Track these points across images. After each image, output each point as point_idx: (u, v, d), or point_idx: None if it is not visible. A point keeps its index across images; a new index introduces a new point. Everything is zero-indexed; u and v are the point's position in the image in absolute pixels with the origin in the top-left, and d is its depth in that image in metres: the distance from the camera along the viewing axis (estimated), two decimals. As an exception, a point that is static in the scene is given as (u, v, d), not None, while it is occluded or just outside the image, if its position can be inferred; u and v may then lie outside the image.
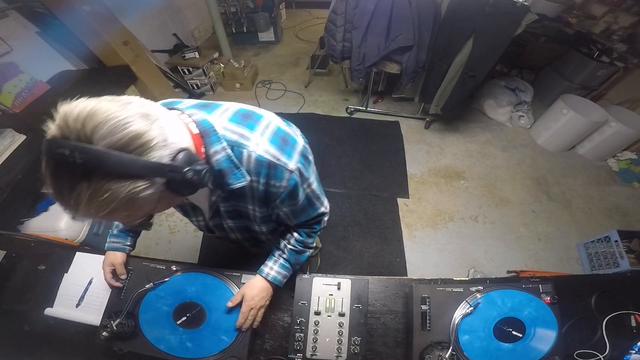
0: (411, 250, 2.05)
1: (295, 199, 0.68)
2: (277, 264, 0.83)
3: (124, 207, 0.41)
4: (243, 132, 0.59)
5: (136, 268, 0.89)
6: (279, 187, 0.62)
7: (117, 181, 0.39)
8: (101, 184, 0.38)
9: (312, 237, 0.84)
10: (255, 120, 0.62)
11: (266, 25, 4.21)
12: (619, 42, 2.84)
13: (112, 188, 0.39)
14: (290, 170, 0.61)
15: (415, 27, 2.26)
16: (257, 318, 0.81)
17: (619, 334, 0.79)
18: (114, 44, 2.24)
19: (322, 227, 0.84)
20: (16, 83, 1.80)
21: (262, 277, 0.82)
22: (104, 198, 0.39)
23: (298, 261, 0.85)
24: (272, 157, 0.59)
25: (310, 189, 0.70)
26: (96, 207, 0.39)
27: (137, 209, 0.44)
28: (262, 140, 0.59)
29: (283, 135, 0.62)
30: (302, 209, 0.73)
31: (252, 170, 0.60)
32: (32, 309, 0.89)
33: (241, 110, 0.63)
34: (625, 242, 1.78)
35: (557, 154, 2.79)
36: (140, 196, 0.41)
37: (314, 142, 2.98)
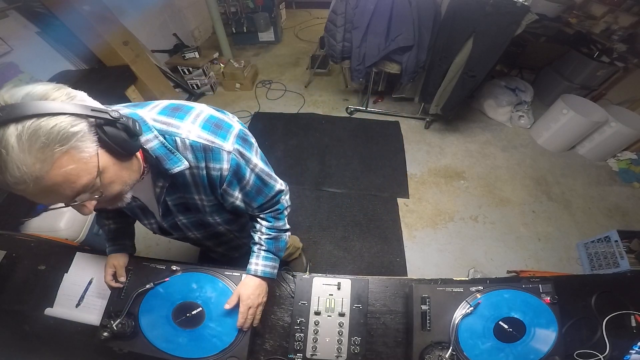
0: (411, 250, 2.05)
1: (243, 179, 0.68)
2: (260, 257, 0.83)
3: (61, 148, 0.41)
4: (173, 122, 0.61)
5: (136, 268, 0.89)
6: (220, 170, 0.63)
7: (42, 118, 0.40)
8: (27, 123, 0.39)
9: (281, 219, 0.85)
10: (185, 112, 0.63)
11: (266, 25, 4.21)
12: (619, 42, 2.84)
13: (39, 124, 0.39)
14: (227, 150, 0.62)
15: (415, 27, 2.26)
16: (257, 316, 0.81)
17: (619, 334, 0.79)
18: (114, 44, 2.25)
19: (286, 206, 0.84)
20: (16, 83, 1.81)
21: (252, 275, 0.82)
22: (32, 132, 0.39)
23: (279, 248, 0.85)
24: (206, 141, 0.60)
25: (258, 167, 0.71)
26: (28, 147, 0.39)
27: (79, 161, 0.44)
28: (194, 127, 0.61)
29: (216, 121, 0.64)
30: (257, 190, 0.73)
31: (189, 157, 0.61)
32: (32, 309, 0.89)
33: (171, 104, 0.65)
34: (625, 242, 1.78)
35: (557, 154, 2.79)
36: (72, 131, 0.42)
37: (314, 142, 2.97)
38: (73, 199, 0.47)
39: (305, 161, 2.65)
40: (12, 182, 0.40)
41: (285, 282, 0.92)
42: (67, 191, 0.45)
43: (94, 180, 0.47)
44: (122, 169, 0.53)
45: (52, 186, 0.43)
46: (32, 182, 0.41)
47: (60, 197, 0.46)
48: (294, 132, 2.94)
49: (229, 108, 3.28)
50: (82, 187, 0.46)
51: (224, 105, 3.33)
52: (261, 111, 3.23)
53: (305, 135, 2.91)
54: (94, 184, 0.48)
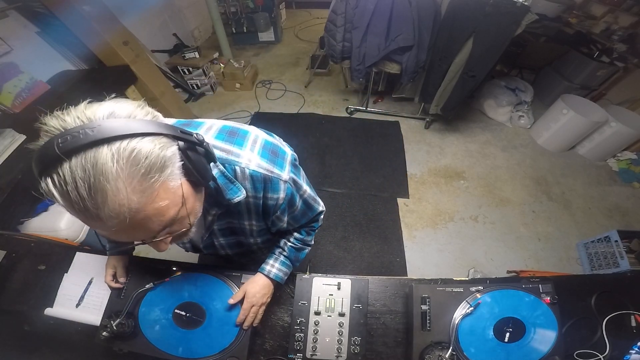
0: (411, 250, 2.05)
1: (294, 206, 0.70)
2: (277, 261, 0.84)
3: (159, 176, 0.36)
4: (232, 149, 0.58)
5: (136, 268, 0.89)
6: (277, 199, 0.63)
7: (136, 139, 0.35)
8: (122, 145, 0.34)
9: (311, 235, 0.87)
10: (242, 137, 0.61)
11: (266, 25, 4.21)
12: (619, 42, 2.84)
13: (135, 146, 0.34)
14: (284, 180, 0.61)
15: (415, 27, 2.26)
16: (258, 316, 0.81)
17: (619, 334, 0.79)
18: (114, 44, 2.24)
19: (320, 224, 0.88)
20: (16, 83, 1.80)
21: (264, 275, 0.82)
22: (130, 156, 0.34)
23: (298, 258, 0.87)
24: (266, 171, 0.59)
25: (307, 193, 0.72)
26: (128, 174, 0.33)
27: (169, 191, 0.40)
28: (253, 156, 0.59)
29: (272, 147, 0.63)
30: (302, 214, 0.76)
31: (247, 187, 0.59)
32: (32, 309, 0.89)
33: (225, 127, 0.62)
34: (625, 242, 1.78)
35: (557, 154, 2.79)
36: (167, 156, 0.38)
37: (314, 142, 2.97)
38: (158, 234, 0.42)
39: (305, 161, 2.65)
40: (107, 216, 0.34)
41: (285, 282, 0.92)
42: (155, 225, 0.40)
43: (179, 212, 0.43)
44: (196, 200, 0.48)
45: (142, 220, 0.38)
46: (128, 217, 0.35)
47: (146, 233, 0.41)
48: (294, 132, 2.94)
49: (229, 108, 3.28)
50: (169, 220, 0.42)
51: (224, 105, 3.33)
52: (261, 111, 3.23)
53: (305, 135, 2.91)
54: (177, 217, 0.43)
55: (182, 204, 0.43)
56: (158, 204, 0.38)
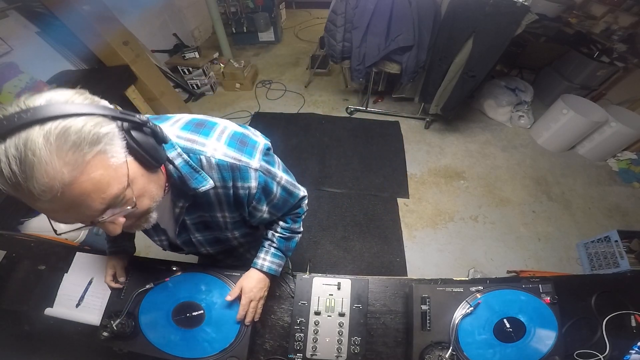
0: (411, 250, 2.05)
1: (271, 194, 0.68)
2: (268, 254, 0.83)
3: (91, 150, 0.38)
4: (197, 139, 0.58)
5: (136, 268, 0.89)
6: (248, 188, 0.62)
7: (69, 118, 0.37)
8: (55, 124, 0.35)
9: (298, 222, 0.86)
10: (209, 128, 0.61)
11: (266, 25, 4.21)
12: (619, 42, 2.84)
13: (67, 123, 0.36)
14: (254, 168, 0.61)
15: (415, 27, 2.26)
16: (258, 310, 0.82)
17: (619, 334, 0.79)
18: (114, 44, 2.24)
19: (305, 210, 0.87)
20: (16, 83, 1.81)
21: (257, 269, 0.82)
22: (60, 131, 0.35)
23: (289, 248, 0.86)
24: (233, 159, 0.58)
25: (284, 180, 0.71)
26: (57, 147, 0.35)
27: (109, 167, 0.41)
28: (220, 145, 0.58)
29: (240, 137, 0.62)
30: (283, 202, 0.74)
31: (215, 176, 0.59)
32: (32, 309, 0.89)
33: (194, 119, 0.62)
34: (625, 242, 1.78)
35: (557, 154, 2.79)
36: (102, 132, 0.39)
37: (314, 142, 2.96)
38: (102, 213, 0.43)
39: (305, 161, 2.65)
40: (39, 190, 0.35)
41: (285, 282, 0.92)
42: (96, 203, 0.41)
43: (124, 192, 0.43)
44: (150, 181, 0.49)
45: (80, 196, 0.39)
46: (60, 189, 0.36)
47: (88, 211, 0.41)
48: (294, 132, 2.94)
49: (229, 108, 3.28)
50: (112, 197, 0.42)
51: (224, 105, 3.33)
52: (261, 111, 3.23)
53: (305, 135, 2.91)
54: (124, 196, 0.44)
55: (128, 183, 0.44)
56: (92, 175, 0.39)
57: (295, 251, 0.90)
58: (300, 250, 2.00)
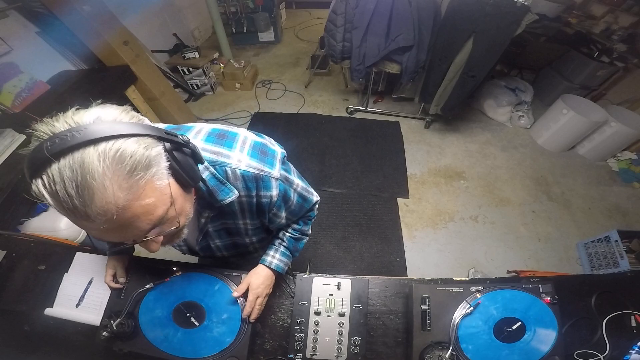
0: (411, 250, 2.05)
1: (289, 201, 0.72)
2: (278, 252, 0.85)
3: (145, 174, 0.38)
4: (222, 151, 0.60)
5: (136, 268, 0.89)
6: (270, 197, 0.64)
7: (121, 139, 0.36)
8: (108, 145, 0.35)
9: (308, 225, 0.91)
10: (231, 139, 0.62)
11: (266, 25, 4.21)
12: (619, 42, 2.84)
13: (120, 146, 0.36)
14: (275, 178, 0.63)
15: (415, 27, 2.26)
16: (261, 307, 0.83)
17: (619, 334, 0.79)
18: (114, 44, 2.24)
19: (316, 214, 0.92)
20: (16, 83, 1.80)
21: (266, 266, 0.83)
22: (115, 155, 0.35)
23: (297, 248, 0.89)
24: (256, 170, 0.60)
25: (300, 187, 0.75)
26: (114, 172, 0.35)
27: (157, 190, 0.41)
28: (243, 156, 0.60)
29: (261, 147, 0.64)
30: (299, 207, 0.78)
31: (239, 187, 0.61)
32: (32, 309, 0.89)
33: (214, 130, 0.64)
34: (625, 242, 1.78)
35: (557, 154, 2.79)
36: (152, 155, 0.39)
37: (314, 142, 2.96)
38: (147, 233, 0.43)
39: (305, 161, 2.65)
40: (95, 213, 0.35)
41: (285, 282, 0.92)
42: (144, 224, 0.41)
43: (167, 212, 0.44)
44: (186, 200, 0.50)
45: (131, 218, 0.39)
46: (115, 213, 0.37)
47: (136, 231, 0.42)
48: (294, 132, 2.94)
49: (229, 108, 3.28)
50: (158, 219, 0.43)
51: (224, 105, 3.33)
52: (261, 111, 3.23)
53: (305, 135, 2.91)
54: (167, 216, 0.45)
55: (171, 203, 0.45)
56: (145, 201, 0.39)
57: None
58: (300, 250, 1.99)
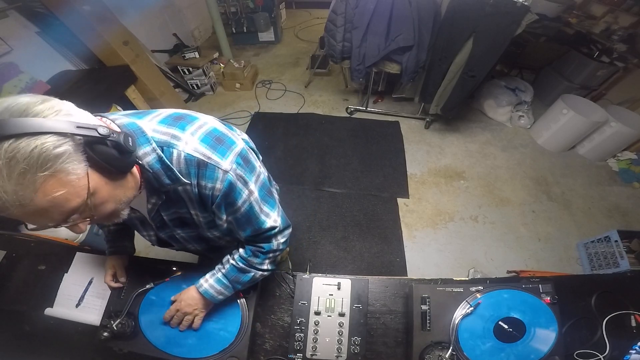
0: (411, 250, 2.05)
1: (234, 204, 0.63)
2: (213, 277, 0.78)
3: (44, 173, 0.38)
4: (173, 132, 0.57)
5: (136, 268, 0.89)
6: (211, 189, 0.58)
7: (21, 139, 0.36)
8: (4, 146, 0.35)
9: (260, 258, 0.76)
10: (188, 122, 0.60)
11: (266, 25, 4.21)
12: (619, 42, 2.84)
13: (17, 146, 0.36)
14: (223, 170, 0.57)
15: (415, 27, 2.26)
16: (185, 323, 0.80)
17: (619, 334, 0.79)
18: (114, 44, 2.24)
19: (274, 249, 0.75)
20: (16, 83, 1.80)
21: (195, 288, 0.78)
22: (9, 157, 0.35)
23: (239, 280, 0.77)
24: (201, 155, 0.56)
25: (253, 196, 0.65)
26: (8, 173, 0.36)
27: (67, 184, 0.41)
28: (192, 139, 0.57)
29: (218, 135, 0.60)
30: (245, 219, 0.67)
31: (183, 171, 0.57)
32: (32, 309, 0.89)
33: (175, 113, 0.62)
34: (625, 242, 1.78)
35: (557, 154, 2.79)
36: (55, 154, 0.39)
37: (314, 142, 2.96)
38: (63, 222, 0.45)
39: (305, 161, 2.65)
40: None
41: (285, 282, 0.92)
42: (56, 215, 0.43)
43: (85, 202, 0.44)
44: (115, 187, 0.50)
45: (38, 211, 0.40)
46: (15, 208, 0.38)
47: (49, 220, 0.43)
48: (294, 132, 2.94)
49: (229, 108, 3.28)
50: (71, 210, 0.43)
51: (224, 105, 3.33)
52: (261, 111, 3.23)
53: (305, 135, 2.91)
54: (86, 205, 0.45)
55: (89, 194, 0.44)
56: (50, 196, 0.40)
57: (295, 251, 0.88)
58: (300, 250, 1.99)
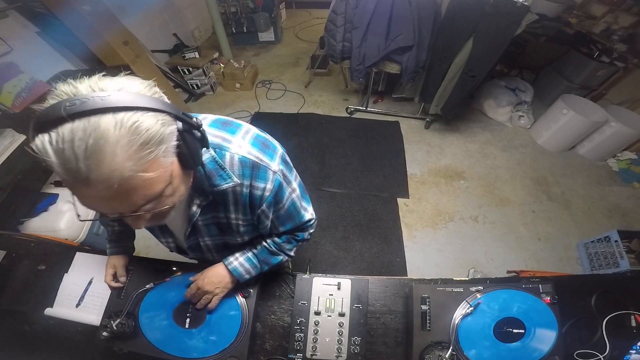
0: (411, 250, 2.05)
1: (280, 202, 0.67)
2: (243, 255, 0.79)
3: (156, 149, 0.38)
4: (224, 136, 0.60)
5: (136, 268, 0.89)
6: (263, 189, 0.61)
7: (141, 112, 0.37)
8: (128, 115, 0.36)
9: (292, 244, 0.82)
10: (235, 127, 0.63)
11: (266, 25, 4.21)
12: (619, 42, 2.84)
13: (139, 117, 0.36)
14: (273, 171, 0.61)
15: (415, 27, 2.26)
16: (203, 301, 0.80)
17: (619, 334, 0.79)
18: (114, 44, 2.24)
19: (306, 237, 0.82)
20: (16, 83, 1.80)
21: (224, 265, 0.79)
22: (133, 125, 0.35)
23: (267, 261, 0.81)
24: (255, 158, 0.59)
25: (295, 193, 0.70)
26: (128, 142, 0.35)
27: (161, 167, 0.41)
28: (244, 143, 0.60)
29: (263, 140, 0.64)
30: (287, 216, 0.72)
31: (235, 173, 0.59)
32: (32, 309, 0.89)
33: (220, 118, 0.65)
34: (625, 242, 1.78)
35: (557, 154, 2.79)
36: (167, 132, 0.40)
37: (314, 142, 2.96)
38: (139, 208, 0.42)
39: (305, 161, 2.65)
40: (96, 179, 0.35)
41: (285, 282, 0.92)
42: (139, 198, 0.41)
43: (164, 190, 0.43)
44: (182, 181, 0.49)
45: (129, 190, 0.38)
46: (118, 183, 0.36)
47: (128, 206, 0.41)
48: (294, 132, 2.94)
49: (229, 108, 3.28)
50: (154, 195, 0.42)
51: (224, 105, 3.33)
52: (261, 111, 3.23)
53: (305, 135, 2.91)
54: (163, 194, 0.44)
55: (170, 182, 0.44)
56: (148, 174, 0.39)
57: (295, 251, 0.88)
58: (300, 250, 1.99)
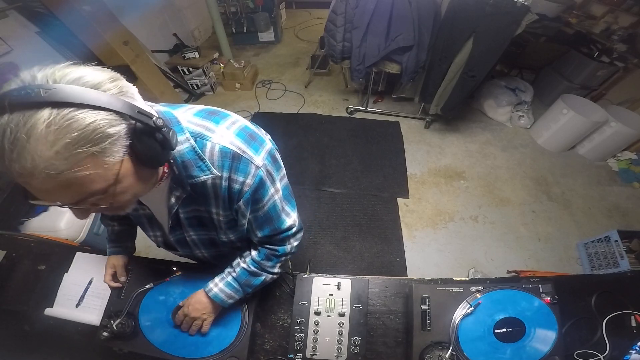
0: (411, 250, 2.05)
1: (260, 202, 0.63)
2: (223, 281, 0.77)
3: (90, 149, 0.37)
4: (208, 125, 0.58)
5: (136, 268, 0.89)
6: (242, 184, 0.58)
7: (83, 110, 0.36)
8: (65, 111, 0.35)
9: (273, 261, 0.77)
10: (221, 117, 0.61)
11: (266, 25, 4.21)
12: (619, 42, 2.84)
13: (76, 115, 0.35)
14: (256, 165, 0.58)
15: (415, 27, 2.26)
16: (194, 327, 0.79)
17: (619, 334, 0.79)
18: (114, 44, 2.25)
19: (287, 252, 0.76)
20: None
21: (204, 292, 0.77)
22: (65, 122, 0.34)
23: (250, 284, 0.77)
24: (236, 148, 0.56)
25: (278, 195, 0.66)
26: (54, 139, 0.34)
27: (101, 166, 0.39)
28: (228, 133, 0.58)
29: (251, 132, 0.61)
30: (267, 219, 0.67)
31: (215, 163, 0.56)
32: (32, 309, 0.89)
33: (208, 108, 0.63)
34: (625, 242, 1.78)
35: (557, 154, 2.79)
36: (108, 132, 0.38)
37: (314, 142, 2.96)
38: (76, 203, 0.42)
39: (305, 161, 2.65)
40: (18, 172, 0.35)
41: (285, 282, 0.92)
42: (74, 194, 0.40)
43: (107, 188, 0.42)
44: (138, 180, 0.47)
45: (60, 186, 0.38)
46: (42, 178, 0.36)
47: (63, 198, 0.41)
48: (294, 132, 2.94)
49: (229, 108, 3.24)
50: (91, 192, 0.41)
51: (224, 105, 3.30)
52: (261, 111, 3.23)
53: (305, 135, 2.91)
54: (106, 192, 0.42)
55: (116, 181, 0.43)
56: (81, 173, 0.38)
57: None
58: (301, 250, 1.97)
